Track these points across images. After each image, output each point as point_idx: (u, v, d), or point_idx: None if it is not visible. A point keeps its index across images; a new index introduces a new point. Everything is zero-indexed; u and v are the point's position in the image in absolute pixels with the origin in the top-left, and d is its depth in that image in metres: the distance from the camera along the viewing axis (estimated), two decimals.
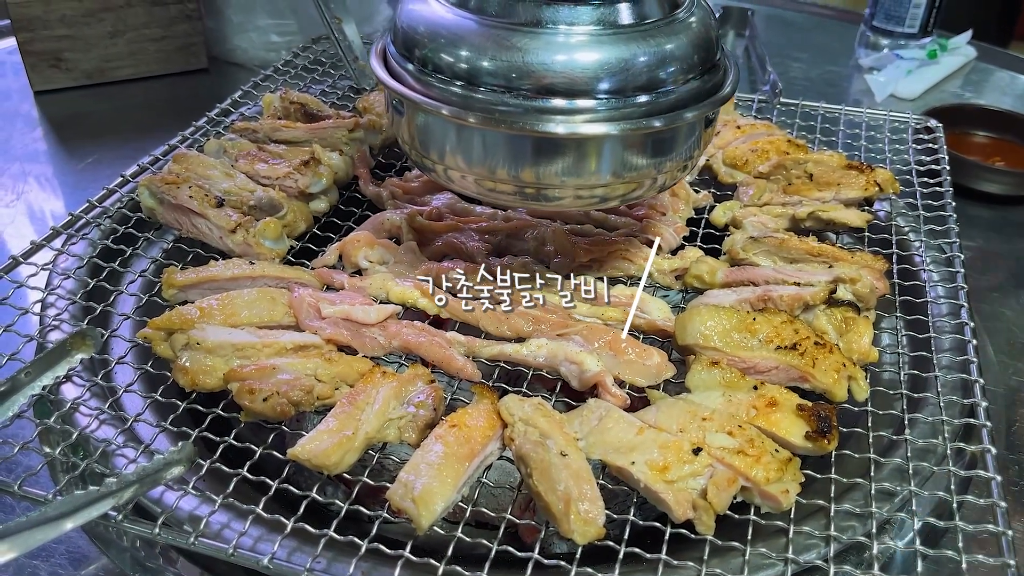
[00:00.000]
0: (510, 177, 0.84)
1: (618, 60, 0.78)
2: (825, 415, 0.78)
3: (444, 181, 0.90)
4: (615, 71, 0.78)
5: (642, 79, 0.79)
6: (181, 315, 0.87)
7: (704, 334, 0.86)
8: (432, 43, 0.82)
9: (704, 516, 0.71)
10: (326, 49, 1.55)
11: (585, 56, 0.78)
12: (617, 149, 0.82)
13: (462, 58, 0.80)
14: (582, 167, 0.82)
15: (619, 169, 0.84)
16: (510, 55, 0.78)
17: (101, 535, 0.81)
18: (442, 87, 0.81)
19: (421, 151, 0.88)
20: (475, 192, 0.89)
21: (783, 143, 1.20)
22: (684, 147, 0.87)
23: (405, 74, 0.85)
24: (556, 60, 0.77)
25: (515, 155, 0.82)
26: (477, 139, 0.83)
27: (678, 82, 0.82)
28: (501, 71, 0.78)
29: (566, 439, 0.75)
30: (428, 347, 0.90)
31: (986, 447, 0.79)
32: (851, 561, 0.75)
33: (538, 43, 0.78)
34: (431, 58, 0.82)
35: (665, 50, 0.80)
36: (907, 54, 1.83)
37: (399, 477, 0.72)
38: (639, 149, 0.83)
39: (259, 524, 0.72)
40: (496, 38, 0.79)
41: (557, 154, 0.81)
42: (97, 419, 0.82)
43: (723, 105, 0.88)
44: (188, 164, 1.10)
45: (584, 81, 0.78)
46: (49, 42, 1.62)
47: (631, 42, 0.79)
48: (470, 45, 0.80)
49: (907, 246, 1.10)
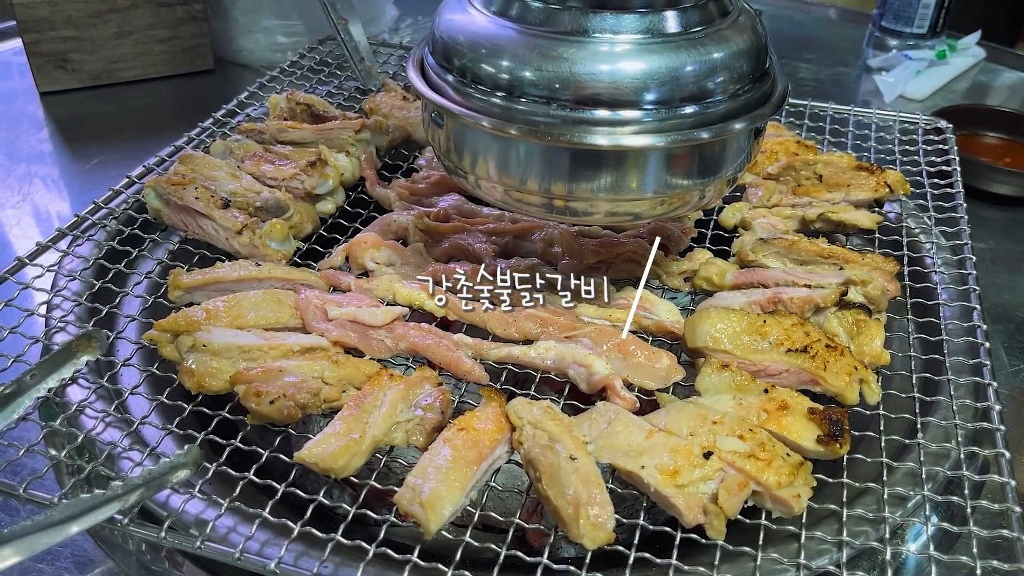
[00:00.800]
0: (557, 190, 0.81)
1: (666, 70, 0.76)
2: (837, 419, 0.77)
3: (472, 188, 0.88)
4: (662, 81, 0.75)
5: (690, 89, 0.77)
6: (187, 317, 0.87)
7: (714, 336, 0.85)
8: (473, 53, 0.80)
9: (715, 521, 0.70)
10: (332, 50, 1.54)
11: (631, 65, 0.75)
12: (661, 163, 0.80)
13: (504, 68, 0.78)
14: (623, 183, 0.80)
15: (661, 187, 0.81)
16: (555, 65, 0.75)
17: (106, 539, 0.81)
18: (483, 98, 0.79)
19: (457, 162, 0.86)
20: (511, 205, 0.86)
21: (792, 144, 1.20)
22: (733, 161, 0.84)
23: (445, 85, 0.83)
24: (601, 70, 0.75)
25: (557, 167, 0.80)
26: (519, 151, 0.80)
27: (727, 92, 0.79)
28: (545, 81, 0.76)
29: (575, 443, 0.75)
30: (435, 349, 0.89)
31: (1000, 451, 0.78)
32: (864, 567, 0.74)
33: (583, 53, 0.75)
34: (471, 68, 0.80)
35: (713, 59, 0.78)
36: (916, 55, 1.82)
37: (407, 481, 0.71)
38: (685, 163, 0.80)
39: (266, 528, 0.72)
40: (540, 48, 0.76)
41: (600, 167, 0.79)
42: (103, 422, 0.82)
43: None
44: (194, 165, 1.10)
45: (630, 91, 0.75)
46: (55, 43, 1.62)
47: (679, 51, 0.76)
48: (513, 55, 0.77)
49: (918, 248, 1.09)
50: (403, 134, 1.27)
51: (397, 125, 1.27)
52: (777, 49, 0.87)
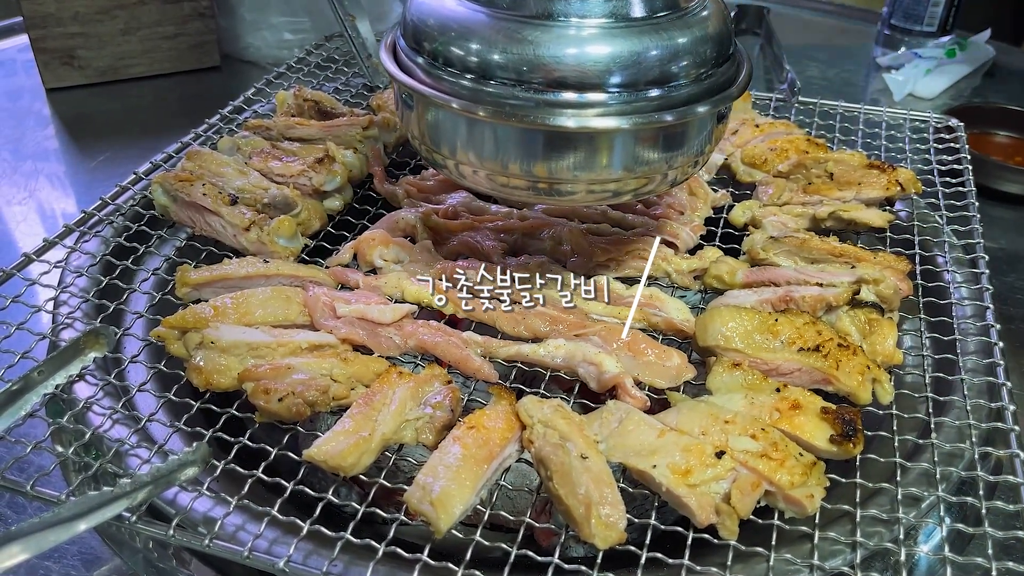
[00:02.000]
0: (522, 172, 0.83)
1: (630, 53, 0.77)
2: (850, 418, 0.76)
3: (456, 177, 0.89)
4: (627, 64, 0.77)
5: (654, 73, 0.78)
6: (195, 314, 0.86)
7: (725, 335, 0.85)
8: (442, 36, 0.81)
9: (727, 521, 0.70)
10: (339, 47, 1.54)
11: (596, 49, 0.77)
12: (628, 143, 0.81)
13: (472, 51, 0.79)
14: (593, 161, 0.81)
15: (630, 164, 0.83)
16: (521, 48, 0.77)
17: (114, 536, 0.80)
18: (452, 80, 0.80)
19: (432, 146, 0.88)
20: (487, 188, 0.88)
21: (802, 142, 1.19)
22: (696, 142, 0.86)
23: (415, 68, 0.84)
24: (567, 53, 0.76)
25: (527, 149, 0.81)
26: (488, 133, 0.82)
27: (690, 76, 0.81)
28: (512, 64, 0.77)
29: (586, 442, 0.74)
30: (444, 347, 0.88)
31: (1014, 451, 0.78)
32: (877, 567, 0.74)
33: (549, 36, 0.77)
34: (441, 51, 0.81)
35: (677, 44, 0.79)
36: (926, 53, 1.81)
37: (416, 479, 0.70)
38: (650, 144, 0.82)
39: (274, 526, 0.71)
40: (507, 31, 0.78)
41: (569, 148, 0.81)
42: (110, 419, 0.82)
43: (736, 101, 0.87)
44: (202, 162, 1.09)
45: (595, 74, 0.77)
46: (62, 39, 1.62)
47: (643, 35, 0.78)
48: (481, 38, 0.79)
49: (930, 247, 1.08)
50: None
51: None
52: (786, 47, 0.86)
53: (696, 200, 1.15)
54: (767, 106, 1.41)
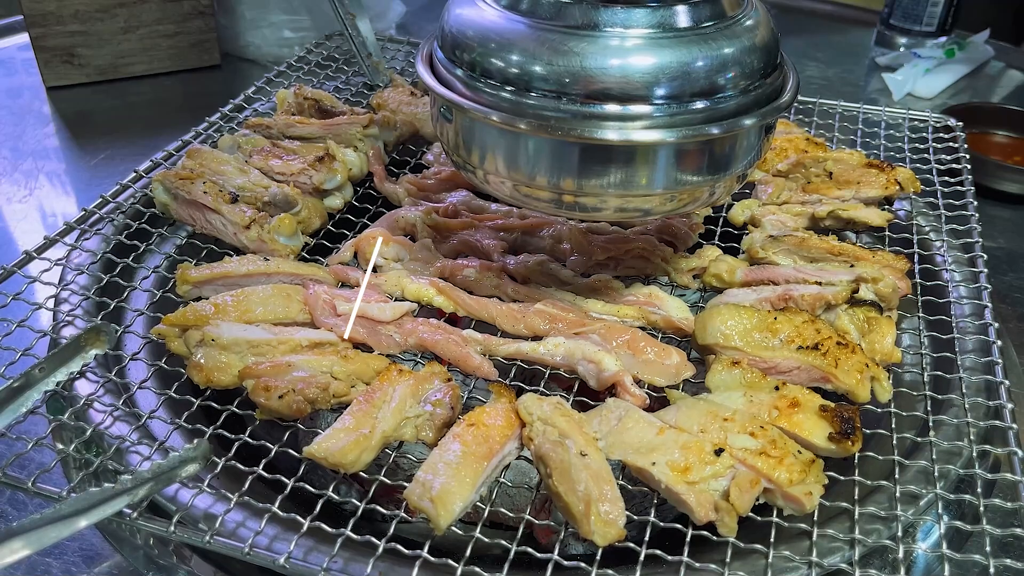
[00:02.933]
0: (566, 186, 0.80)
1: (676, 64, 0.75)
2: (848, 416, 0.76)
3: (480, 184, 0.87)
4: (673, 76, 0.75)
5: (700, 84, 0.76)
6: (195, 311, 0.87)
7: (724, 333, 0.85)
8: (482, 48, 0.79)
9: (726, 518, 0.70)
10: (339, 45, 1.54)
11: (642, 60, 0.74)
12: (671, 159, 0.79)
13: (514, 63, 0.77)
14: (633, 178, 0.79)
15: (671, 183, 0.80)
16: (565, 59, 0.75)
17: (115, 533, 0.80)
18: (492, 93, 0.79)
19: (466, 157, 0.85)
20: (533, 206, 0.86)
21: (802, 141, 1.19)
22: (743, 157, 0.83)
23: (454, 80, 0.82)
24: (612, 64, 0.74)
25: (566, 162, 0.79)
26: (529, 146, 0.80)
27: (738, 88, 0.78)
28: (555, 76, 0.75)
29: (586, 439, 0.74)
30: (444, 345, 0.89)
31: (1012, 449, 0.78)
32: (875, 564, 0.74)
33: (594, 47, 0.75)
34: (481, 63, 0.79)
35: (724, 54, 0.77)
36: (925, 53, 1.81)
37: (417, 476, 0.71)
38: (695, 159, 0.80)
39: (275, 523, 0.72)
40: (550, 42, 0.76)
41: (610, 163, 0.78)
42: (111, 416, 0.82)
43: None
44: (202, 160, 1.10)
45: (640, 86, 0.75)
46: (62, 38, 1.62)
47: (689, 46, 0.76)
48: (522, 49, 0.77)
49: (928, 246, 1.08)
50: (411, 130, 1.27)
51: (405, 121, 1.26)
52: (785, 47, 0.86)
53: None
54: None
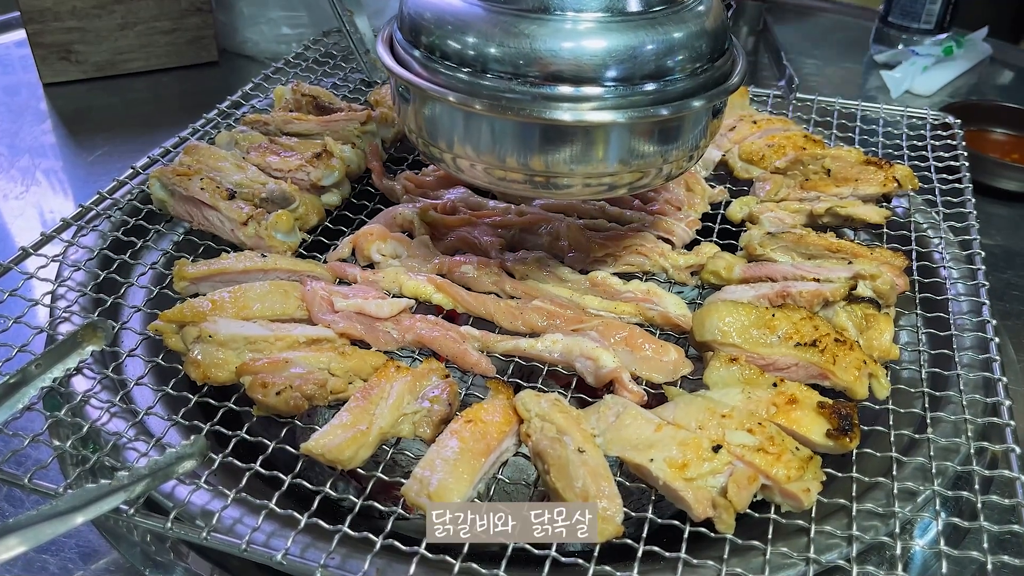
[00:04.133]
0: (519, 165, 0.83)
1: (626, 48, 0.77)
2: (846, 413, 0.76)
3: (453, 170, 0.89)
4: (623, 59, 0.77)
5: (650, 67, 0.79)
6: (193, 308, 0.86)
7: (722, 330, 0.85)
8: (439, 29, 0.81)
9: (724, 514, 0.70)
10: (337, 42, 1.54)
11: (592, 43, 0.77)
12: (624, 137, 0.82)
13: (469, 44, 0.79)
14: (589, 155, 0.82)
15: (626, 157, 0.83)
16: (517, 42, 0.77)
17: (112, 529, 0.80)
18: (449, 74, 0.81)
19: (429, 140, 0.88)
20: (484, 181, 0.88)
21: (800, 138, 1.19)
22: (691, 136, 0.86)
23: (412, 61, 0.84)
24: (563, 47, 0.76)
25: (523, 143, 0.82)
26: (484, 126, 0.82)
27: (686, 71, 0.81)
28: (508, 58, 0.77)
29: (583, 435, 0.74)
30: (442, 342, 0.89)
31: (1010, 446, 0.78)
32: (873, 561, 0.74)
33: (545, 30, 0.77)
34: (437, 45, 0.81)
35: (673, 38, 0.79)
36: (923, 50, 1.81)
37: (414, 473, 0.71)
38: (646, 138, 0.83)
39: (272, 519, 0.72)
40: (503, 24, 0.78)
41: (565, 142, 0.81)
42: (108, 412, 0.82)
43: (734, 97, 0.87)
44: (199, 156, 1.09)
45: (591, 68, 0.77)
46: (59, 34, 1.61)
47: (639, 29, 0.78)
48: (477, 31, 0.79)
49: (926, 243, 1.08)
50: None
51: None
52: (784, 44, 0.86)
53: (693, 196, 1.15)
54: (765, 102, 1.41)
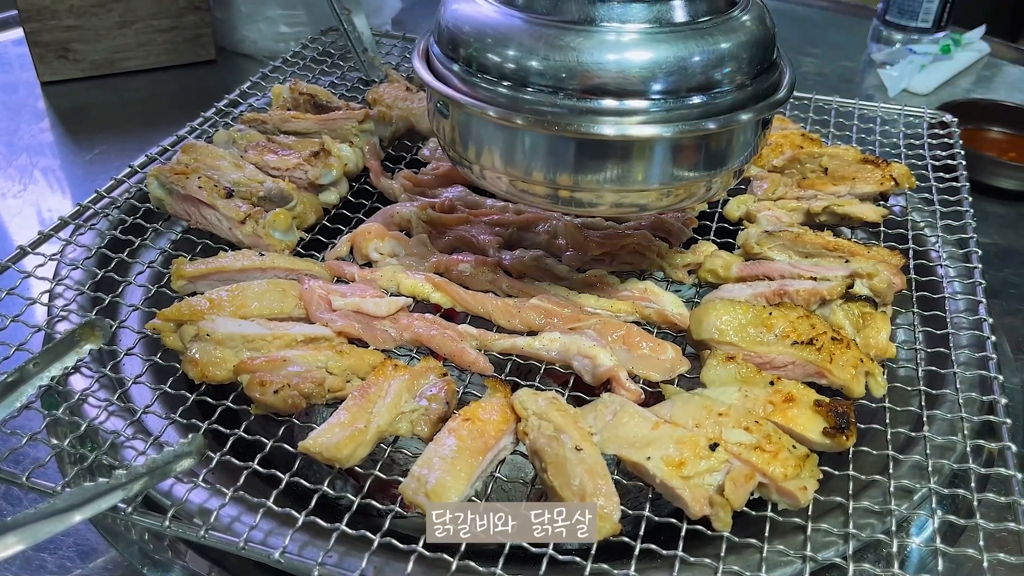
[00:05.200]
0: (563, 181, 0.80)
1: (674, 59, 0.75)
2: (843, 411, 0.76)
3: (477, 179, 0.87)
4: (669, 71, 0.75)
5: (697, 79, 0.76)
6: (190, 306, 0.86)
7: (720, 329, 0.85)
8: (479, 43, 0.79)
9: (721, 512, 0.70)
10: (335, 40, 1.54)
11: (639, 55, 0.74)
12: (668, 154, 0.79)
13: (510, 58, 0.77)
14: (630, 173, 0.79)
15: (668, 179, 0.80)
16: (562, 54, 0.75)
17: (109, 528, 0.80)
18: (489, 88, 0.79)
19: (462, 152, 0.85)
20: (529, 201, 0.86)
21: (797, 137, 1.19)
22: (739, 152, 0.83)
23: (450, 75, 0.82)
24: (609, 59, 0.74)
25: (563, 157, 0.79)
26: (525, 141, 0.80)
27: (734, 83, 0.78)
28: (551, 71, 0.75)
29: (581, 434, 0.74)
30: (440, 340, 0.89)
31: (1006, 444, 0.78)
32: (870, 559, 0.74)
33: (591, 42, 0.75)
34: (477, 58, 0.79)
35: (721, 49, 0.77)
36: (920, 49, 1.81)
37: (412, 471, 0.71)
38: (691, 154, 0.80)
39: (270, 517, 0.72)
40: (546, 37, 0.76)
41: (606, 158, 0.78)
42: (106, 411, 0.82)
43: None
44: (197, 155, 1.09)
45: (637, 81, 0.74)
46: (57, 32, 1.61)
47: (686, 41, 0.76)
48: (519, 44, 0.77)
49: (923, 241, 1.08)
50: (406, 125, 1.27)
51: (400, 116, 1.26)
52: (781, 43, 0.86)
53: None
54: None
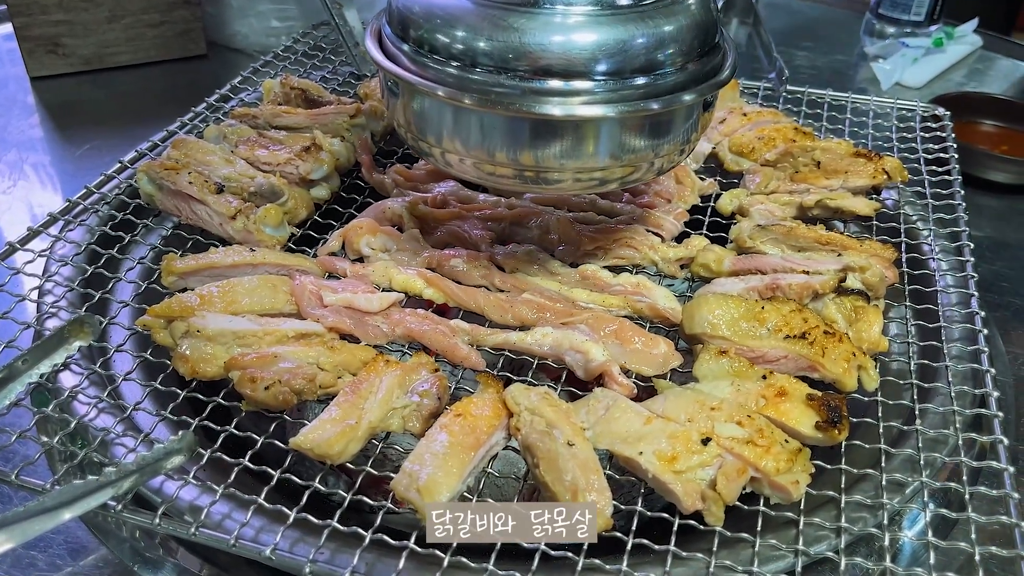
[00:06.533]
0: (509, 160, 0.82)
1: (616, 41, 0.77)
2: (835, 405, 0.76)
3: (442, 165, 0.89)
4: (613, 52, 0.76)
5: (640, 61, 0.78)
6: (181, 302, 0.86)
7: (712, 323, 0.85)
8: (427, 23, 0.80)
9: (713, 507, 0.70)
10: (327, 35, 1.53)
11: (583, 37, 0.76)
12: (615, 132, 0.81)
13: (458, 39, 0.78)
14: (580, 150, 0.81)
15: (617, 152, 0.82)
16: (507, 35, 0.76)
17: (100, 525, 0.80)
18: (437, 68, 0.80)
19: (418, 134, 0.87)
20: (474, 176, 0.87)
21: (790, 131, 1.19)
22: (682, 130, 0.85)
23: (400, 55, 0.83)
24: (553, 41, 0.76)
25: (513, 137, 0.81)
26: (474, 121, 0.81)
27: (676, 64, 0.80)
28: (497, 52, 0.77)
29: (573, 429, 0.74)
30: (432, 335, 0.88)
31: (998, 437, 0.78)
32: (862, 552, 0.74)
33: (535, 23, 0.76)
34: (426, 39, 0.81)
35: (663, 31, 0.79)
36: (913, 42, 1.81)
37: (403, 467, 0.70)
38: (637, 132, 0.82)
39: (261, 515, 0.71)
40: (492, 18, 0.77)
41: (555, 136, 0.80)
42: (96, 408, 0.81)
43: (724, 89, 0.87)
44: (187, 150, 1.09)
45: (581, 62, 0.76)
46: (46, 27, 1.60)
47: (629, 23, 0.78)
48: (466, 25, 0.78)
49: (916, 235, 1.08)
50: None
51: None
52: (774, 36, 0.86)
53: (684, 189, 1.15)
54: (755, 94, 1.40)
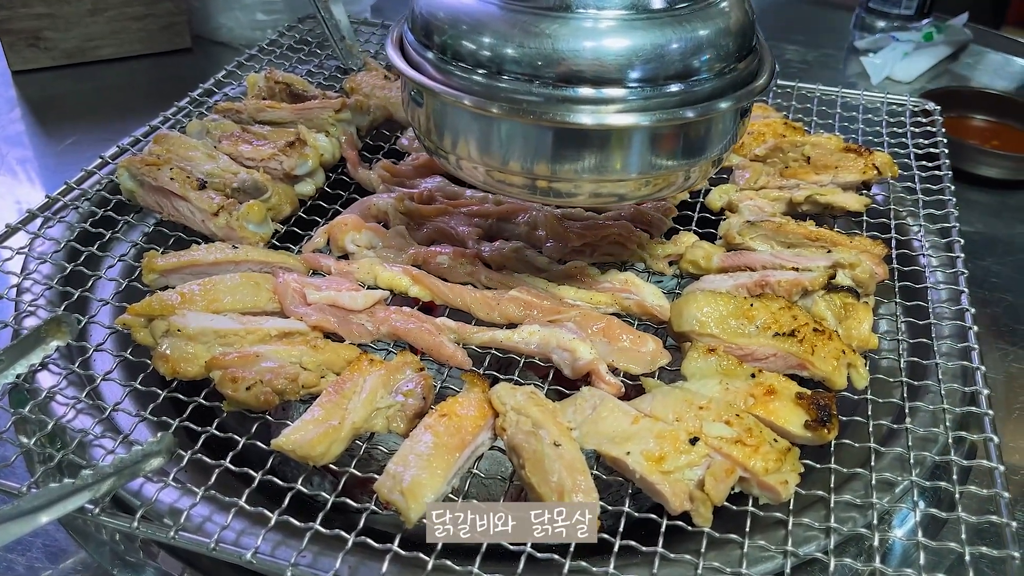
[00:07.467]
0: (540, 171, 0.79)
1: (651, 47, 0.73)
2: (824, 403, 0.76)
3: (470, 178, 0.85)
4: (647, 59, 0.73)
5: (675, 67, 0.75)
6: (162, 301, 0.85)
7: (700, 320, 0.84)
8: (453, 30, 0.77)
9: (701, 508, 0.69)
10: (312, 29, 1.52)
11: (616, 42, 0.73)
12: (646, 143, 0.78)
13: (485, 45, 0.75)
14: (608, 163, 0.78)
15: (646, 168, 0.79)
16: (537, 42, 0.73)
17: (79, 528, 0.79)
18: (464, 76, 0.77)
19: (438, 142, 0.84)
20: (506, 192, 0.84)
21: (779, 125, 1.18)
22: (718, 141, 0.82)
23: (424, 63, 0.80)
24: (585, 47, 0.73)
25: (539, 147, 0.77)
26: (501, 130, 0.78)
27: (713, 71, 0.77)
28: (527, 59, 0.73)
29: (559, 429, 0.73)
30: (417, 334, 0.87)
31: (988, 436, 0.78)
32: (851, 553, 0.74)
33: (567, 29, 0.73)
34: (452, 46, 0.77)
35: (699, 36, 0.75)
36: (903, 36, 1.81)
37: (387, 468, 0.69)
38: (670, 143, 0.79)
39: (242, 517, 0.70)
40: (522, 24, 0.74)
41: (584, 147, 0.77)
42: (74, 408, 0.80)
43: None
44: (169, 145, 1.07)
45: (614, 69, 0.73)
46: (27, 20, 1.58)
47: (664, 27, 0.74)
48: (494, 32, 0.75)
49: (906, 231, 1.08)
50: (384, 114, 1.25)
51: (378, 105, 1.24)
52: (764, 30, 0.85)
53: None
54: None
